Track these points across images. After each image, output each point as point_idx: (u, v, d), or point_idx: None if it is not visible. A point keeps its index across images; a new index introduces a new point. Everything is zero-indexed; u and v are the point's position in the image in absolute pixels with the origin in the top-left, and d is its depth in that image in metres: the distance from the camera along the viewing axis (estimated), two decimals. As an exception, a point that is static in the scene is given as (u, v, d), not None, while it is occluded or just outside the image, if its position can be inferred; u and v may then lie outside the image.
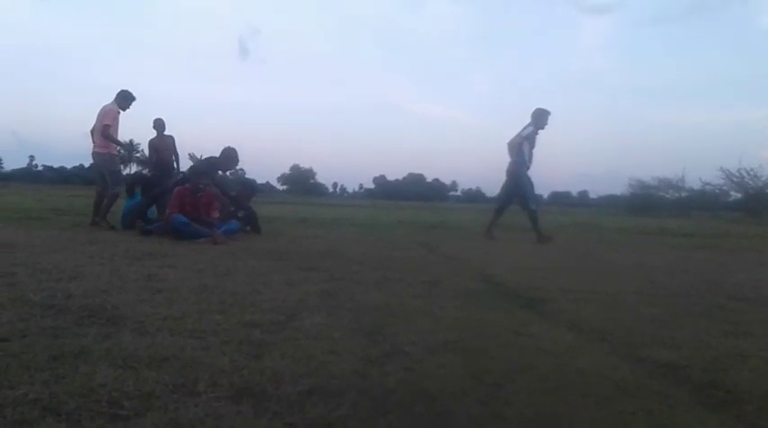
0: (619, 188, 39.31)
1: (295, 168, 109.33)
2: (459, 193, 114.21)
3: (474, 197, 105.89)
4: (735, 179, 31.44)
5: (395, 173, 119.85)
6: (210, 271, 4.17)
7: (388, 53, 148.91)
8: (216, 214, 6.90)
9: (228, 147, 7.71)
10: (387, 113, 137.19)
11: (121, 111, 8.07)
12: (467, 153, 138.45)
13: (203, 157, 8.00)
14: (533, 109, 8.70)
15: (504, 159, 8.74)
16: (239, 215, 7.81)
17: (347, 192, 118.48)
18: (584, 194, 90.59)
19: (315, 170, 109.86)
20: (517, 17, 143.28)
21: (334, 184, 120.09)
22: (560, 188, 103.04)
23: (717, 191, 33.67)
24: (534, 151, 8.65)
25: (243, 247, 5.91)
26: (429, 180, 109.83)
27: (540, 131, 8.64)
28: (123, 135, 8.37)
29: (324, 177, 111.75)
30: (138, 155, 69.79)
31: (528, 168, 8.64)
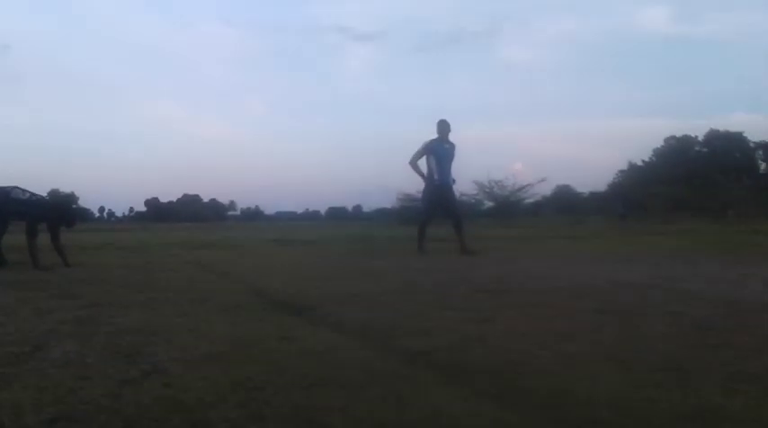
0: (389, 202, 41.37)
1: (54, 193, 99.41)
2: (237, 213, 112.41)
3: (253, 216, 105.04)
4: (486, 190, 35.00)
5: (169, 194, 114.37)
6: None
7: (159, 73, 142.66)
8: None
9: None
10: (159, 134, 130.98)
11: None
12: (244, 172, 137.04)
13: None
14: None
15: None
16: None
17: (115, 217, 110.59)
18: (358, 209, 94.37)
19: (78, 194, 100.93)
20: (290, 42, 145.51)
21: (101, 209, 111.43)
22: (336, 204, 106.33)
23: (472, 200, 37.07)
24: (451, 163, 8.79)
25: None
26: (206, 200, 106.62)
27: (447, 144, 8.78)
28: None
29: (89, 201, 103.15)
30: None
31: (436, 181, 8.71)
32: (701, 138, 41.64)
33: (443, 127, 8.82)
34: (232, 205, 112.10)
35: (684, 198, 32.97)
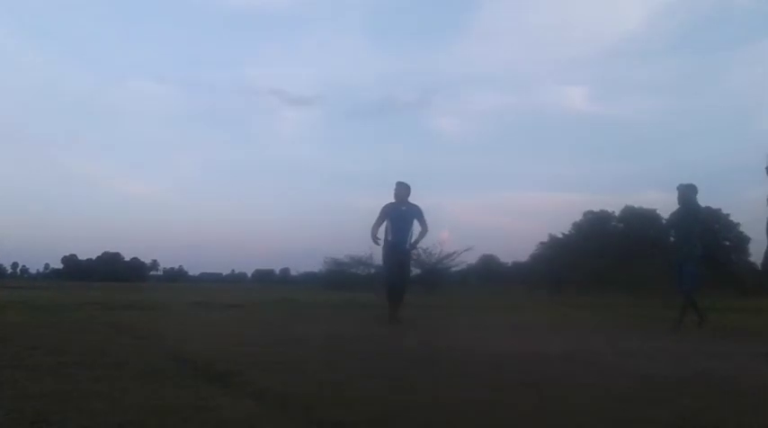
0: (316, 266, 41.05)
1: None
2: (160, 273, 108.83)
3: (176, 276, 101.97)
4: (413, 257, 35.25)
5: (88, 252, 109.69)
6: None
7: (86, 127, 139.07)
8: None
9: None
10: (79, 190, 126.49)
11: None
12: (168, 232, 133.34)
13: None
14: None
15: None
16: None
17: (29, 273, 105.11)
18: (285, 272, 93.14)
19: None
20: (223, 102, 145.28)
21: (14, 264, 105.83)
22: (263, 266, 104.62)
23: (399, 267, 37.17)
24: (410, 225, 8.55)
25: None
26: (127, 259, 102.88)
27: (403, 206, 8.59)
28: None
29: (1, 256, 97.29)
30: None
31: (389, 240, 8.48)
32: (617, 213, 43.55)
33: (400, 189, 8.68)
34: (154, 264, 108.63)
35: (601, 271, 34.17)
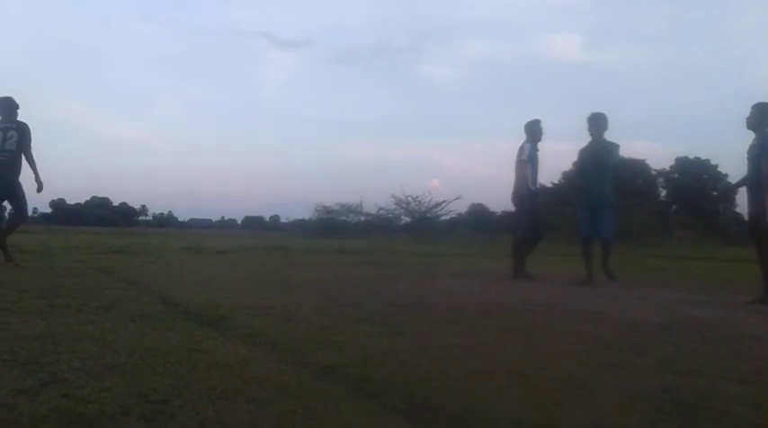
0: (307, 213, 41.04)
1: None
2: (149, 218, 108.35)
3: (165, 221, 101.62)
4: (403, 205, 35.35)
5: (76, 196, 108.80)
6: None
7: (71, 69, 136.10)
8: None
9: None
10: (68, 133, 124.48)
11: None
12: (157, 177, 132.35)
13: None
14: (525, 122, 7.69)
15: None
16: None
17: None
18: (275, 219, 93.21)
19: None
20: (210, 45, 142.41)
21: (2, 209, 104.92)
22: (253, 213, 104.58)
23: (390, 215, 37.37)
24: (539, 169, 7.59)
25: None
26: (116, 204, 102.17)
27: (538, 146, 7.63)
28: None
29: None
30: None
31: (533, 191, 7.57)
32: (607, 163, 43.57)
33: (535, 127, 7.67)
34: (143, 210, 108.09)
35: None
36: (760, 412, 2.09)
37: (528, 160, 7.50)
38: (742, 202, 5.74)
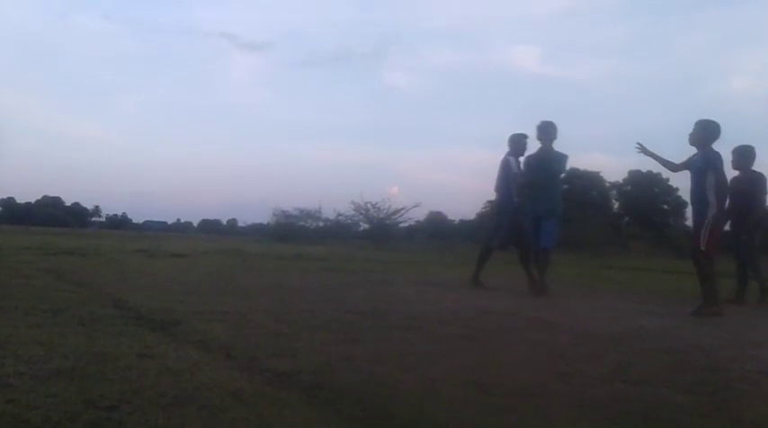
0: (265, 217, 40.70)
1: None
2: (102, 219, 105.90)
3: (119, 223, 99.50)
4: (362, 211, 35.38)
5: (27, 195, 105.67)
6: None
7: (25, 63, 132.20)
8: None
9: None
10: (20, 129, 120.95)
11: None
12: (112, 177, 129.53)
13: None
14: (511, 135, 7.45)
15: None
16: None
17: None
18: (233, 222, 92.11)
19: None
20: (170, 44, 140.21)
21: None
22: (210, 216, 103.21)
23: (349, 221, 37.34)
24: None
25: None
26: (68, 204, 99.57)
27: (520, 159, 7.42)
28: None
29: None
30: None
31: (515, 203, 7.30)
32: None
33: (520, 143, 7.50)
34: (97, 210, 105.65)
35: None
36: (706, 421, 2.15)
37: (518, 174, 7.38)
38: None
